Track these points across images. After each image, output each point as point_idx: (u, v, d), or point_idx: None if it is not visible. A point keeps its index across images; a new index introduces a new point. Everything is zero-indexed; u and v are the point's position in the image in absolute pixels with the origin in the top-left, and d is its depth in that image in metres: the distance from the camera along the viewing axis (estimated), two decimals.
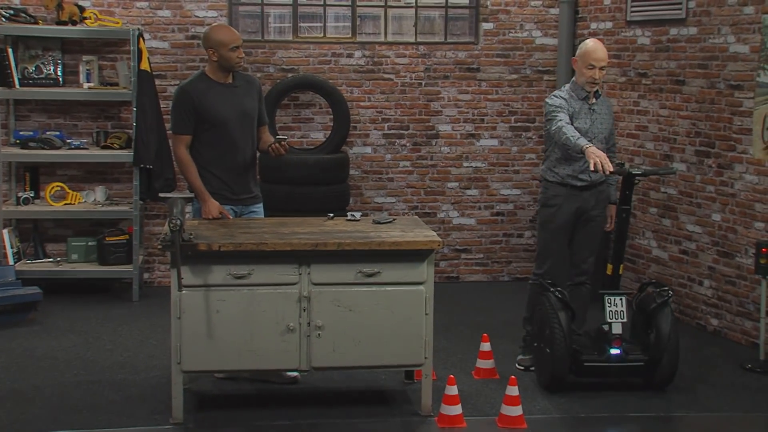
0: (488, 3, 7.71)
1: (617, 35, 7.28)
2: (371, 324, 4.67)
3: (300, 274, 4.62)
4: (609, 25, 7.37)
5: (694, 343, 6.14)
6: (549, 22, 7.79)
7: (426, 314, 4.71)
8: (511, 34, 7.77)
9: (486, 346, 5.50)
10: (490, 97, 7.79)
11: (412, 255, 4.68)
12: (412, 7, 7.77)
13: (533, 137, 7.86)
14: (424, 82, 7.70)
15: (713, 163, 6.43)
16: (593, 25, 7.52)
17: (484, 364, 5.48)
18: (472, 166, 7.80)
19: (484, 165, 7.81)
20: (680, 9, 6.67)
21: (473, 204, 7.86)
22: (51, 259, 7.17)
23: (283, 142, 5.18)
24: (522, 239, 7.89)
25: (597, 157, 4.98)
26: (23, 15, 7.04)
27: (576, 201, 5.51)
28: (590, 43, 5.46)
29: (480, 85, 7.77)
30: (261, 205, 5.47)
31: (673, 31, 6.76)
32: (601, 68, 5.41)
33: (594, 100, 5.49)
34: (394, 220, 5.18)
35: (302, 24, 7.70)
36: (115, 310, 6.79)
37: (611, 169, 5.02)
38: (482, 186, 7.81)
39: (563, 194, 5.49)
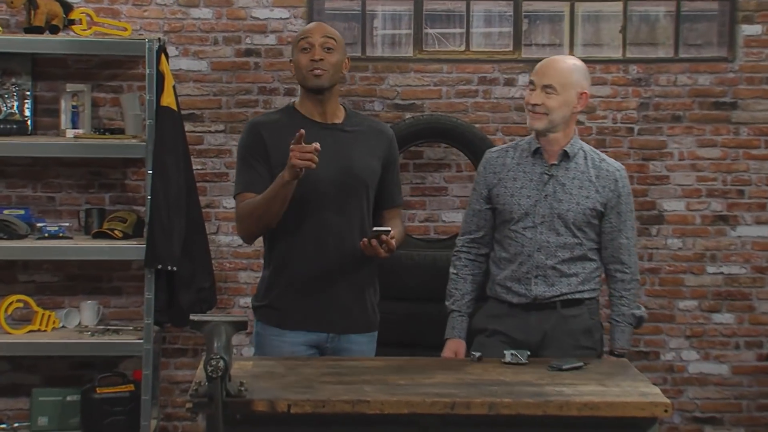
0: None
1: None
2: None
3: None
4: None
5: None
6: None
7: None
8: None
9: None
10: (754, 152, 7.77)
11: (620, 426, 4.66)
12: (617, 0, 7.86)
13: None
14: (637, 128, 7.73)
15: None
16: None
17: None
18: (722, 273, 7.77)
19: (744, 271, 7.76)
20: None
21: (725, 339, 7.77)
22: (4, 426, 7.34)
23: (384, 236, 5.19)
24: None
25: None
26: None
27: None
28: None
29: (738, 131, 7.75)
30: (373, 335, 5.55)
31: None
32: (545, 87, 5.40)
33: (556, 161, 5.51)
34: (585, 364, 5.17)
35: (430, 30, 7.81)
36: None
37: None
38: (741, 308, 7.76)
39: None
